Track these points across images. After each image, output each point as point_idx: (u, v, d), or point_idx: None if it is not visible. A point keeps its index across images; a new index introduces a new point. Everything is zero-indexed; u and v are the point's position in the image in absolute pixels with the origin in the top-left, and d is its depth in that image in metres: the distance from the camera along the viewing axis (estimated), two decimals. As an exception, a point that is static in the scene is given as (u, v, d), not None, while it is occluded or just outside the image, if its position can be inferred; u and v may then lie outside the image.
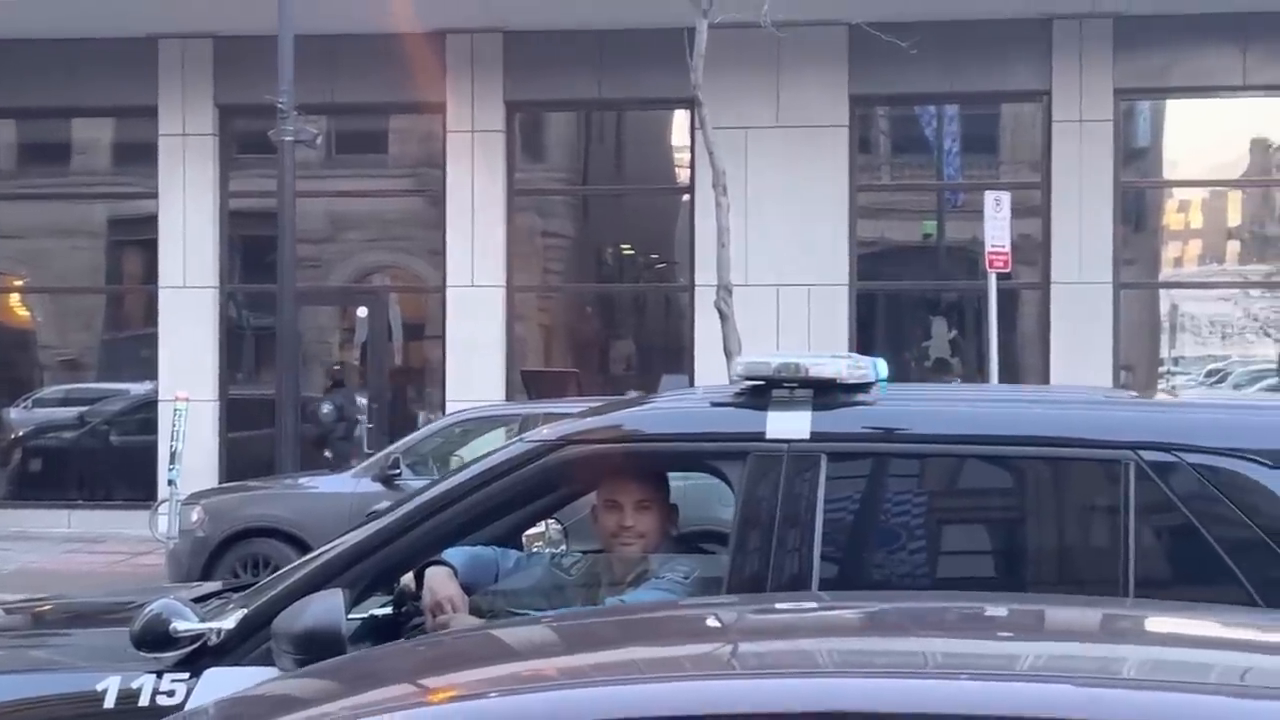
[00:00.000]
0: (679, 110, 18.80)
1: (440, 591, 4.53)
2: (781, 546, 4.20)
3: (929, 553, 4.34)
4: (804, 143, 18.13)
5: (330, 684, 2.96)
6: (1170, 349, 19.54)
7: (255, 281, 19.22)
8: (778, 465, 4.25)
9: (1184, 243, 20.68)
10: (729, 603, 3.82)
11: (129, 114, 19.68)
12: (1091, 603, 3.58)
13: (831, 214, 18.21)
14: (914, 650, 2.77)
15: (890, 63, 16.85)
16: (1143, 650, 2.84)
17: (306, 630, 4.10)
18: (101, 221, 20.61)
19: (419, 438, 14.59)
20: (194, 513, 13.92)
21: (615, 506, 4.65)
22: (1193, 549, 4.12)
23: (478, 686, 2.67)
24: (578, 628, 3.21)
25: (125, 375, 20.25)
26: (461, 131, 18.76)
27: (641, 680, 2.54)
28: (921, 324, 19.40)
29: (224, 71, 19.01)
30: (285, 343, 16.04)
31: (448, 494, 4.53)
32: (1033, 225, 18.16)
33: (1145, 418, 4.48)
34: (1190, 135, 19.46)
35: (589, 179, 20.36)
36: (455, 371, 18.65)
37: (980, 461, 4.36)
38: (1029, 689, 2.34)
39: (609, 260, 20.45)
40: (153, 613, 4.33)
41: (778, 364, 4.35)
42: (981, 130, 19.78)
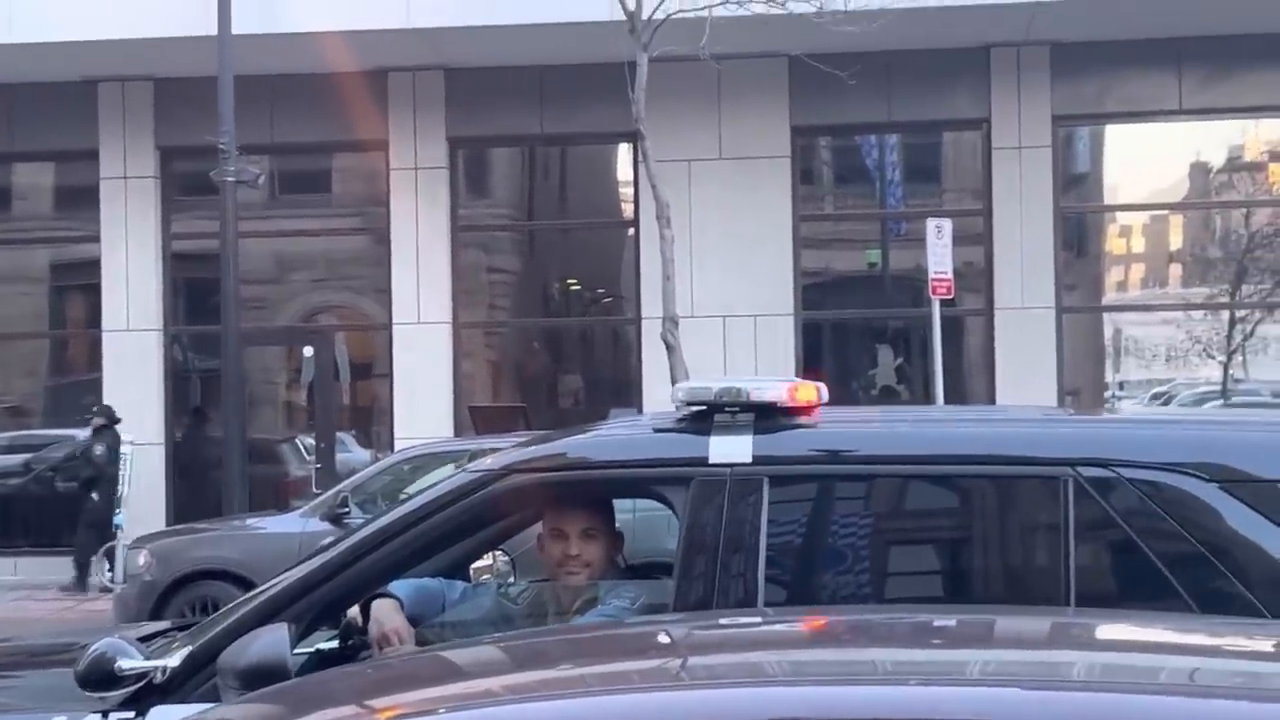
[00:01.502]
0: (622, 144, 18.87)
1: (387, 624, 4.52)
2: (726, 571, 4.21)
3: (874, 573, 4.36)
4: (747, 174, 18.22)
5: (275, 708, 2.96)
6: (1115, 373, 19.67)
7: (200, 323, 19.14)
8: (721, 490, 4.26)
9: (1126, 267, 20.84)
10: (675, 619, 3.83)
11: (69, 158, 19.62)
12: (1035, 611, 3.61)
13: (775, 244, 18.28)
14: (861, 659, 2.79)
15: (830, 93, 16.96)
16: (1089, 655, 2.87)
17: (252, 665, 4.08)
18: (44, 266, 20.50)
19: (367, 475, 14.55)
20: (141, 557, 13.81)
21: (561, 535, 4.66)
22: (1133, 564, 4.15)
23: (426, 705, 2.67)
24: (524, 647, 3.22)
25: (71, 420, 20.09)
26: (405, 169, 18.77)
27: (588, 693, 2.55)
28: (867, 352, 19.48)
29: (165, 113, 18.96)
30: (231, 383, 15.98)
31: (393, 525, 4.52)
32: (975, 252, 18.29)
33: (1083, 434, 4.51)
34: (1129, 160, 19.64)
35: (533, 214, 20.39)
36: (403, 408, 18.61)
37: (922, 481, 4.39)
38: (977, 693, 2.36)
39: (555, 295, 20.46)
40: (97, 651, 4.30)
41: (719, 389, 4.37)
42: (922, 158, 19.92)
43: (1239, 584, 4.04)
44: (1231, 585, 4.05)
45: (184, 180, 19.29)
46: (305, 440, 19.61)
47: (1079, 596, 4.07)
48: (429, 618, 4.69)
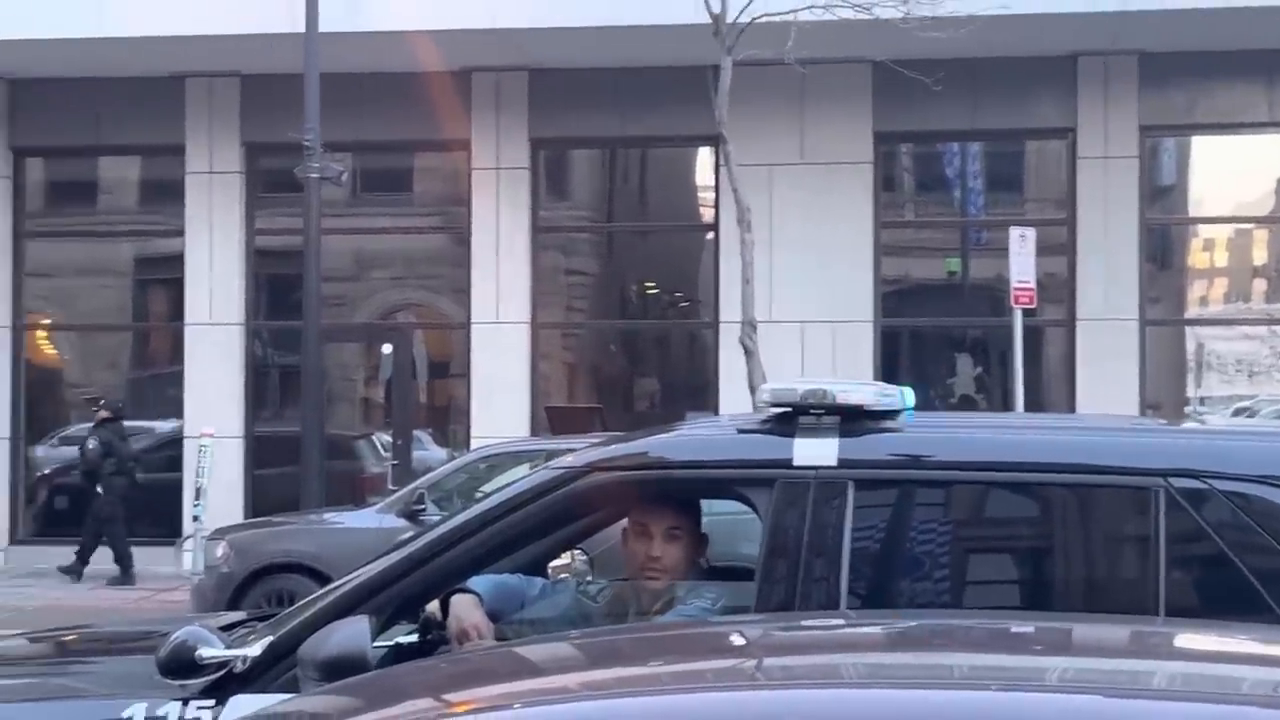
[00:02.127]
0: (703, 147, 18.84)
1: (466, 619, 4.51)
2: (808, 574, 4.18)
3: (956, 581, 4.32)
4: (828, 179, 18.16)
5: (353, 700, 2.95)
6: (1196, 387, 19.46)
7: (281, 319, 19.27)
8: (805, 493, 4.23)
9: (1209, 280, 20.62)
10: (755, 620, 3.80)
11: (156, 152, 19.80)
12: (1119, 620, 3.56)
13: (855, 250, 18.21)
14: (942, 664, 2.75)
15: (915, 99, 16.88)
16: (1172, 664, 2.82)
17: (332, 657, 4.09)
18: (128, 259, 20.70)
19: (443, 473, 14.59)
20: (219, 548, 13.93)
21: (645, 534, 4.63)
22: (1224, 577, 4.09)
23: (502, 699, 2.66)
24: (600, 644, 3.20)
25: (152, 413, 20.29)
26: (486, 169, 18.82)
27: (664, 692, 2.53)
28: (946, 361, 19.36)
29: (250, 110, 19.11)
30: (310, 379, 16.08)
31: (473, 521, 4.52)
32: (1058, 262, 18.14)
33: (1175, 445, 4.45)
34: (1215, 172, 19.43)
35: (613, 216, 20.40)
36: (480, 408, 18.67)
37: (1008, 489, 4.33)
38: (1058, 700, 2.33)
39: (633, 297, 20.47)
40: (179, 640, 4.32)
41: (804, 390, 4.34)
42: (1006, 167, 19.78)
43: (1333, 599, 3.97)
44: (1325, 600, 3.98)
45: (268, 176, 19.44)
46: (382, 437, 19.71)
47: (1169, 608, 4.01)
48: (508, 614, 4.69)
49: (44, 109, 19.42)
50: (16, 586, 17.42)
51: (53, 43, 17.80)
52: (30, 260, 20.17)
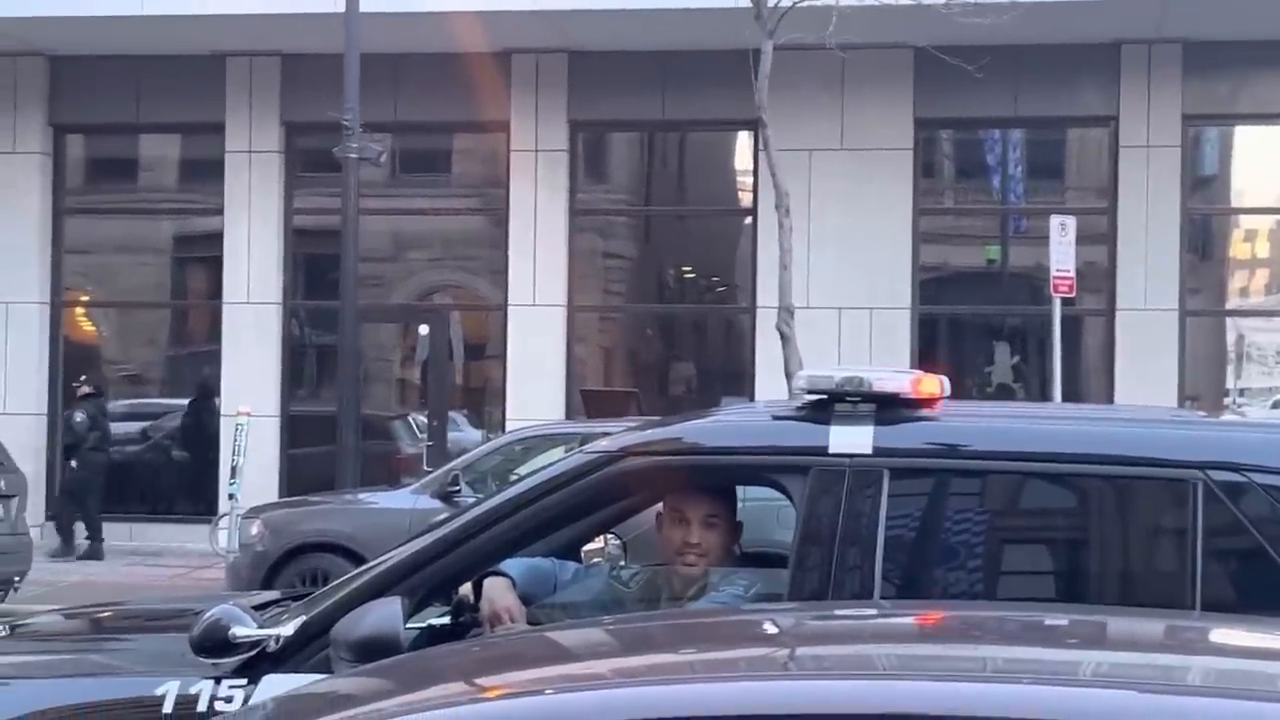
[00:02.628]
0: (742, 131, 18.80)
1: (499, 602, 4.51)
2: (842, 563, 4.16)
3: (991, 571, 4.29)
4: (868, 165, 18.09)
5: (385, 682, 2.96)
6: (1236, 379, 19.34)
7: (318, 298, 19.32)
8: (840, 480, 4.21)
9: (1251, 271, 20.48)
10: (789, 609, 3.79)
11: (196, 131, 19.85)
12: (1154, 614, 3.53)
13: (895, 237, 18.15)
14: (975, 656, 2.74)
15: (956, 86, 16.79)
16: (1208, 660, 2.80)
17: (365, 637, 4.10)
18: (167, 237, 20.77)
19: (478, 455, 14.61)
20: (254, 527, 13.98)
21: (682, 521, 4.61)
22: (1262, 571, 4.06)
23: (533, 684, 2.66)
24: (633, 630, 3.19)
25: (189, 390, 20.38)
26: (525, 151, 18.81)
27: (696, 680, 2.52)
28: (984, 349, 19.29)
29: (290, 89, 19.14)
30: (347, 359, 16.12)
31: (507, 504, 4.52)
32: (1098, 251, 18.05)
33: (1214, 437, 4.41)
34: (1258, 162, 19.29)
35: (651, 199, 20.37)
36: (515, 390, 18.68)
37: (1044, 480, 4.31)
38: (1091, 695, 2.31)
39: (670, 281, 20.44)
40: (212, 618, 4.34)
41: (840, 378, 4.32)
42: (1047, 155, 19.68)
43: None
44: (1362, 596, 3.94)
45: (307, 156, 19.48)
46: (418, 418, 19.74)
47: (1205, 602, 3.98)
48: (540, 598, 4.68)
49: (85, 86, 19.49)
50: (52, 562, 17.52)
51: (94, 20, 17.85)
52: (69, 237, 20.25)
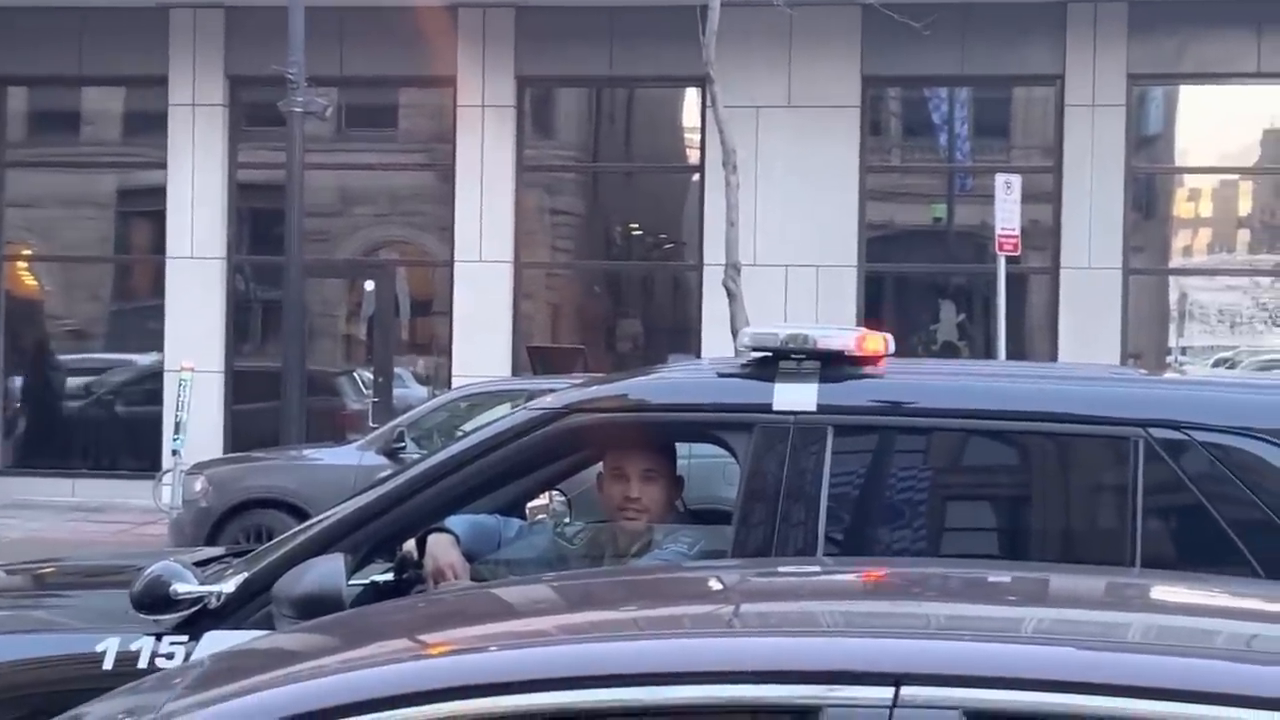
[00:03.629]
0: (690, 88, 18.76)
1: (442, 558, 4.50)
2: (786, 519, 4.17)
3: (934, 528, 4.32)
4: (815, 123, 18.08)
5: (326, 638, 2.95)
6: (1179, 337, 19.48)
7: (263, 253, 19.19)
8: (784, 437, 4.21)
9: (1194, 230, 20.62)
10: (732, 565, 3.80)
11: (139, 83, 19.66)
12: (1094, 571, 3.56)
13: (841, 195, 18.16)
14: (916, 613, 2.75)
15: (903, 44, 16.80)
16: (1148, 616, 2.82)
17: (307, 594, 4.09)
18: (110, 191, 20.58)
19: (424, 411, 14.58)
20: (197, 483, 13.92)
21: (621, 477, 4.62)
22: (1201, 528, 4.08)
23: (478, 641, 2.65)
24: (578, 587, 3.19)
25: (132, 345, 20.24)
26: (472, 106, 18.71)
27: (642, 636, 2.52)
28: (930, 307, 19.35)
29: (235, 42, 18.96)
30: (292, 315, 16.03)
31: (451, 461, 4.51)
32: (1043, 210, 18.11)
33: (1155, 395, 4.44)
34: (1203, 122, 19.38)
35: (599, 156, 20.32)
36: (461, 346, 18.63)
37: (989, 437, 4.32)
38: (1031, 651, 2.33)
39: (617, 238, 20.41)
40: (153, 575, 4.32)
41: (785, 335, 4.32)
42: (993, 114, 19.73)
43: (1310, 552, 3.97)
44: (1302, 553, 3.98)
45: (252, 110, 19.32)
46: (364, 374, 19.68)
47: (1145, 559, 4.01)
48: (484, 554, 4.67)
49: (27, 37, 19.23)
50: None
51: (36, -29, 17.65)
52: (11, 190, 20.05)
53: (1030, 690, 2.16)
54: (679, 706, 2.25)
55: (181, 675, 2.85)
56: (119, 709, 2.62)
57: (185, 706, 2.43)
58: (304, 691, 2.40)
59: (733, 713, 2.26)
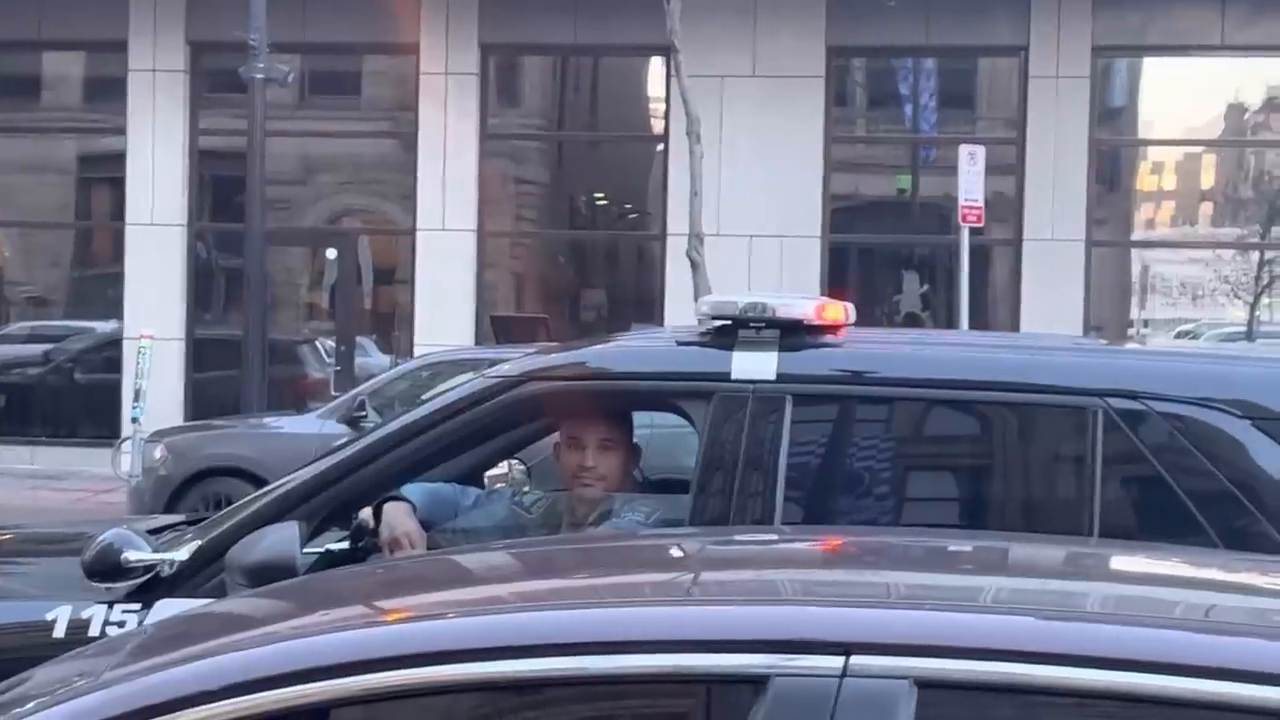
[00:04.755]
0: (655, 57, 18.68)
1: (398, 527, 4.46)
2: (744, 488, 4.15)
3: (894, 497, 4.30)
4: (780, 93, 18.03)
5: (281, 604, 2.91)
6: (1141, 309, 19.55)
7: (225, 221, 19.08)
8: (742, 406, 4.19)
9: (1157, 203, 20.67)
10: (689, 533, 3.78)
11: (99, 48, 19.49)
12: (1052, 541, 3.55)
13: (806, 165, 18.13)
14: (875, 581, 2.73)
15: (868, 14, 16.79)
16: (1099, 585, 2.82)
17: (260, 562, 4.06)
18: (70, 157, 20.43)
19: (385, 380, 14.53)
20: (157, 451, 13.84)
21: (577, 445, 4.59)
22: (1160, 499, 4.08)
23: (435, 608, 2.63)
24: (534, 555, 3.17)
25: (92, 313, 20.11)
26: (435, 74, 18.61)
27: (585, 605, 2.50)
28: (893, 278, 19.38)
29: (196, 7, 18.81)
30: (253, 282, 15.95)
31: (407, 429, 4.48)
32: (1006, 182, 18.13)
33: (1114, 365, 4.43)
34: (1166, 95, 19.42)
35: (563, 124, 20.25)
36: (424, 315, 18.57)
37: (947, 406, 4.31)
38: (992, 620, 2.32)
39: (582, 207, 20.36)
40: (104, 542, 4.28)
41: (744, 304, 4.30)
42: (958, 84, 19.73)
43: (1266, 522, 3.97)
44: (1259, 524, 3.98)
45: (214, 76, 19.17)
46: (325, 343, 19.59)
47: (1103, 529, 4.00)
48: (441, 523, 4.64)
49: (-16, 2, 19.07)
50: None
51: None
52: (-31, 155, 19.88)
53: (981, 660, 2.14)
54: (624, 675, 2.23)
55: (125, 641, 2.81)
56: (59, 675, 2.59)
57: (127, 674, 2.39)
58: (246, 660, 2.37)
59: (679, 682, 2.24)
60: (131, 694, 2.32)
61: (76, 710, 2.33)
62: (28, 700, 2.45)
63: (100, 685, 2.39)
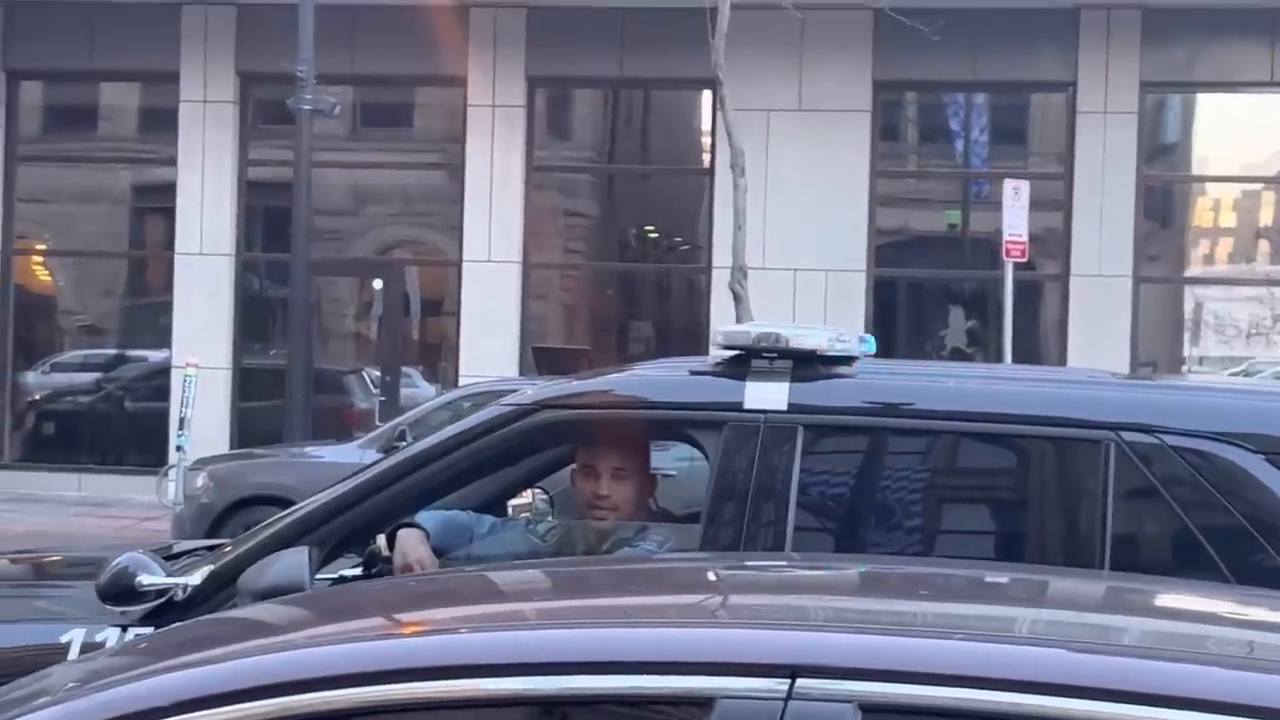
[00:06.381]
0: (701, 91, 18.72)
1: (411, 554, 4.47)
2: (755, 518, 4.15)
3: (904, 529, 4.28)
4: (825, 127, 18.04)
5: (299, 611, 2.94)
6: (1193, 347, 19.42)
7: (273, 251, 19.21)
8: (754, 436, 4.19)
9: (1208, 240, 20.54)
10: (700, 559, 3.78)
11: (151, 79, 19.69)
12: (1064, 573, 3.52)
13: (851, 200, 18.12)
14: (815, 606, 2.73)
15: (915, 49, 16.75)
16: (1057, 613, 2.80)
17: (271, 587, 4.07)
18: (123, 186, 20.63)
19: (427, 410, 14.57)
20: (199, 479, 13.92)
21: (592, 474, 4.59)
22: (1171, 533, 4.06)
23: (449, 623, 2.63)
24: (497, 579, 3.17)
25: (143, 341, 20.28)
26: (482, 106, 18.71)
27: (534, 627, 2.50)
28: (940, 313, 19.30)
29: (246, 39, 18.98)
30: (298, 312, 16.04)
31: (422, 455, 4.49)
32: (1054, 217, 18.06)
33: (1128, 399, 4.40)
34: (1216, 131, 19.32)
35: (609, 158, 20.31)
36: (469, 346, 18.63)
37: (958, 438, 4.30)
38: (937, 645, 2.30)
39: (627, 240, 20.39)
40: (119, 566, 4.30)
41: (757, 333, 4.30)
42: (1005, 120, 19.68)
43: (1279, 558, 3.93)
44: (1272, 559, 3.94)
45: (263, 107, 19.34)
46: (372, 373, 19.67)
47: (1114, 563, 3.98)
48: (455, 550, 4.64)
49: (39, 31, 19.28)
50: (1, 511, 17.41)
51: (49, -34, 17.68)
52: (22, 185, 20.08)
53: (926, 684, 2.14)
54: (570, 696, 2.23)
55: (99, 657, 2.83)
56: (31, 688, 2.60)
57: (88, 689, 2.41)
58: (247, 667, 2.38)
59: (626, 704, 2.24)
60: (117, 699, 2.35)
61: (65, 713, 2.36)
62: (36, 697, 2.48)
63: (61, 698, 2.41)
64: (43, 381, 20.63)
